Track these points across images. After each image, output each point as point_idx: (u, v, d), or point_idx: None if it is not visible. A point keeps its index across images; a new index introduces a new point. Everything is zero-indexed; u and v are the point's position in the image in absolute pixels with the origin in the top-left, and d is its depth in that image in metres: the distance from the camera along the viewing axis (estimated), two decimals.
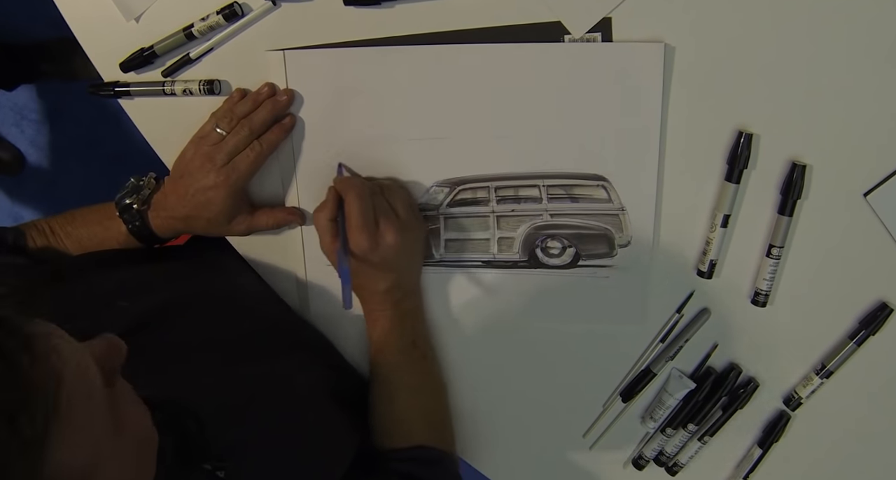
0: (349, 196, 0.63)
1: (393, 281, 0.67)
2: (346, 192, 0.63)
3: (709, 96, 0.64)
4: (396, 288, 0.67)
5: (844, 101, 0.62)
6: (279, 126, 0.67)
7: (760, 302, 0.68)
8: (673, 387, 0.72)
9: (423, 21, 0.65)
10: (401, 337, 0.69)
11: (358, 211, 0.62)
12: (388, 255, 0.64)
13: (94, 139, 1.66)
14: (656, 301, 0.70)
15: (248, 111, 0.66)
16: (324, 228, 0.64)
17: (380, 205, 0.64)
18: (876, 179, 0.64)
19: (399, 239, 0.64)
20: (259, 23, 0.67)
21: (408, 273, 0.69)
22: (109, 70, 0.70)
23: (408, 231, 0.65)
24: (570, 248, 0.70)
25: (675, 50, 0.63)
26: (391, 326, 0.69)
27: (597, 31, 0.63)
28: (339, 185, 0.65)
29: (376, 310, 0.69)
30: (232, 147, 0.65)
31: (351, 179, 0.66)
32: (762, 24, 0.61)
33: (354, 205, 0.62)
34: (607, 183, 0.67)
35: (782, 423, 0.72)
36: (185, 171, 0.66)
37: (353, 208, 0.62)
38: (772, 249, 0.66)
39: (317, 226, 0.65)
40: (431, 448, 0.69)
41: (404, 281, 0.69)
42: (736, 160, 0.64)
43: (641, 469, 0.77)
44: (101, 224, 0.68)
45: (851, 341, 0.67)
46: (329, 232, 0.64)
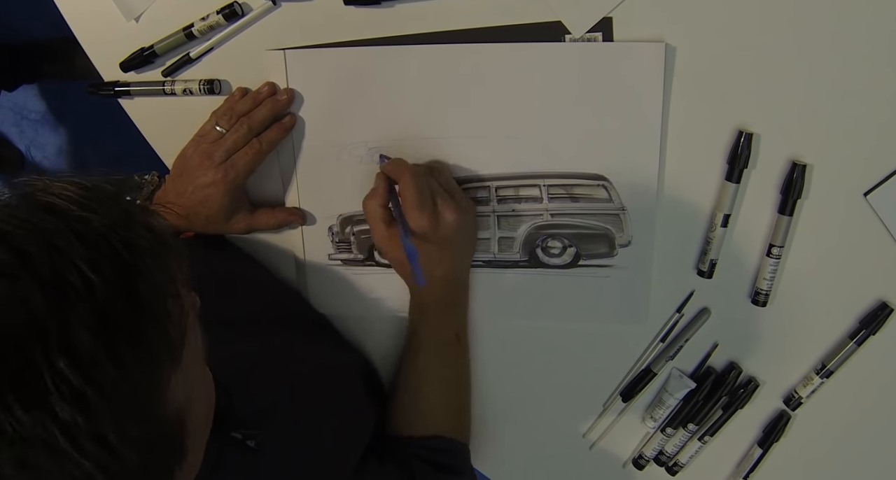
0: (404, 177, 0.62)
1: (449, 267, 0.66)
2: (399, 174, 0.62)
3: (709, 96, 0.64)
4: (451, 275, 0.67)
5: (844, 101, 0.62)
6: (279, 125, 0.67)
7: (761, 301, 0.68)
8: (673, 387, 0.72)
9: (423, 21, 0.65)
10: (446, 329, 0.69)
11: (416, 190, 0.61)
12: (448, 235, 0.63)
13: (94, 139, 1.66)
14: (656, 300, 0.70)
15: (247, 109, 0.66)
16: (376, 216, 0.64)
17: (433, 185, 0.63)
18: (876, 179, 0.64)
19: (459, 217, 0.63)
20: (259, 22, 0.67)
21: (463, 260, 0.69)
22: (109, 70, 0.70)
23: (465, 212, 0.65)
24: (571, 248, 0.70)
25: (675, 50, 0.63)
26: (438, 315, 0.68)
27: (597, 30, 0.63)
28: (388, 168, 0.64)
29: (426, 297, 0.68)
30: (230, 144, 0.65)
31: (400, 161, 0.65)
32: (762, 23, 0.61)
33: (411, 184, 0.61)
34: (608, 182, 0.67)
35: (782, 423, 0.72)
36: (185, 169, 0.66)
37: (409, 188, 0.61)
38: (772, 249, 0.66)
39: (368, 214, 0.64)
40: (450, 439, 0.69)
41: (459, 269, 0.68)
42: (736, 159, 0.64)
43: (641, 468, 0.77)
44: None
45: (852, 341, 0.67)
46: (382, 219, 0.64)
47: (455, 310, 0.70)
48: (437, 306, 0.68)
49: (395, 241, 0.64)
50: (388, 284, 0.73)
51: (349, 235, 0.72)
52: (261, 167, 0.69)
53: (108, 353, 0.32)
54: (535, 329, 0.73)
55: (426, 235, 0.62)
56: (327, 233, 0.72)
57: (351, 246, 0.72)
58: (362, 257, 0.72)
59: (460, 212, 0.64)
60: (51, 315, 0.31)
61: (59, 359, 0.30)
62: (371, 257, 0.72)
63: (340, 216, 0.71)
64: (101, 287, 0.32)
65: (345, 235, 0.72)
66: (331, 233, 0.72)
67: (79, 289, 0.32)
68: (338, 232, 0.72)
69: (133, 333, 0.33)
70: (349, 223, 0.71)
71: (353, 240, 0.72)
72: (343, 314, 0.75)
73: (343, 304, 0.74)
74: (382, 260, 0.72)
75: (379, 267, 0.72)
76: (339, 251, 0.72)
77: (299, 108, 0.68)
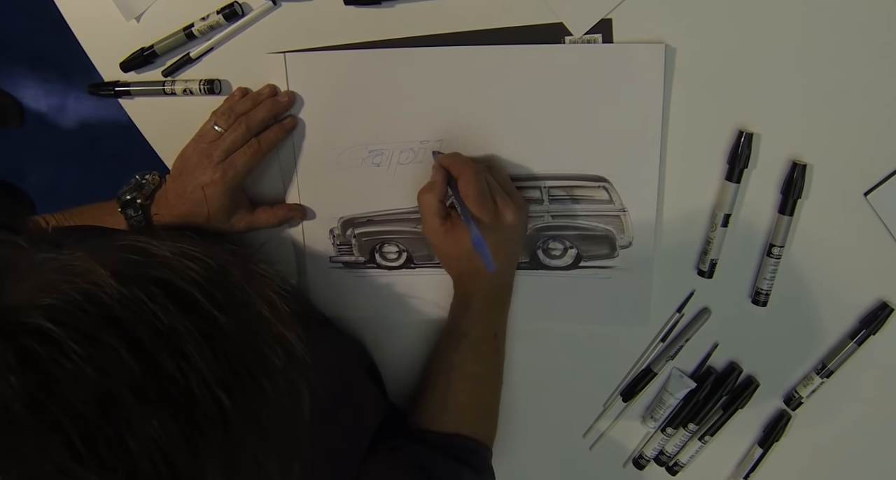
0: (466, 172, 0.61)
1: (500, 265, 0.65)
2: (460, 169, 0.62)
3: (709, 96, 0.64)
4: (501, 275, 0.67)
5: (844, 101, 0.62)
6: (279, 125, 0.67)
7: (761, 301, 0.68)
8: (673, 387, 0.72)
9: (423, 22, 0.65)
10: (487, 327, 0.68)
11: (478, 187, 0.61)
12: (504, 234, 0.63)
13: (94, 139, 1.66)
14: (657, 300, 0.70)
15: (246, 109, 0.66)
16: (433, 210, 0.63)
17: (492, 183, 0.63)
18: (876, 178, 0.64)
19: (517, 216, 0.63)
20: (259, 22, 0.67)
21: (513, 259, 0.69)
22: (109, 70, 0.70)
23: (521, 211, 0.65)
24: (572, 249, 0.70)
25: (675, 50, 0.63)
26: (481, 313, 0.68)
27: (597, 32, 0.63)
28: (448, 162, 0.63)
29: (473, 294, 0.68)
30: (229, 144, 0.65)
31: (460, 156, 0.64)
32: (763, 24, 0.61)
33: (473, 181, 0.61)
34: (608, 184, 0.67)
35: (783, 423, 0.72)
36: (184, 169, 0.66)
37: (471, 185, 0.61)
38: (772, 249, 0.66)
39: (424, 207, 0.64)
40: (472, 438, 0.68)
41: (508, 269, 0.68)
42: (736, 159, 0.64)
43: (642, 468, 0.77)
44: (100, 220, 0.68)
45: (852, 340, 0.67)
46: (438, 213, 0.63)
47: (498, 309, 0.69)
48: (482, 303, 0.68)
49: (449, 236, 0.64)
50: (390, 286, 0.73)
51: (350, 238, 0.72)
52: (262, 170, 0.70)
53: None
54: (535, 329, 0.73)
55: (484, 233, 0.62)
56: (328, 235, 0.72)
57: (352, 249, 0.72)
58: (363, 259, 0.72)
59: (518, 211, 0.63)
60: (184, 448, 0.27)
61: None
62: (372, 259, 0.72)
63: (341, 218, 0.71)
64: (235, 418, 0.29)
65: (346, 238, 0.72)
66: (332, 235, 0.72)
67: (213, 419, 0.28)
68: (339, 234, 0.72)
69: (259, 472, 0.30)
70: (350, 225, 0.71)
71: (354, 242, 0.72)
72: (344, 316, 0.75)
73: (344, 307, 0.74)
74: (383, 262, 0.72)
75: (380, 269, 0.72)
76: (340, 253, 0.72)
77: (300, 111, 0.68)
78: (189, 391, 0.28)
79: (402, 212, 0.70)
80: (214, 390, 0.28)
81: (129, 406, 0.27)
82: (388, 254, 0.72)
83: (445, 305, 0.73)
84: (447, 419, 0.68)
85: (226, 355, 0.29)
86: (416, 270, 0.72)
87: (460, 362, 0.68)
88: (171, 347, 0.28)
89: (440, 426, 0.68)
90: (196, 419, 0.28)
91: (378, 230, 0.71)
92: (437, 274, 0.72)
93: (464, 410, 0.69)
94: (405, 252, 0.72)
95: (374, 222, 0.71)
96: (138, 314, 0.28)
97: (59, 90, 1.64)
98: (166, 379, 0.28)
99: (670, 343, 0.71)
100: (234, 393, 0.29)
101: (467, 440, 0.68)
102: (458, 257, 0.65)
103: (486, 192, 0.62)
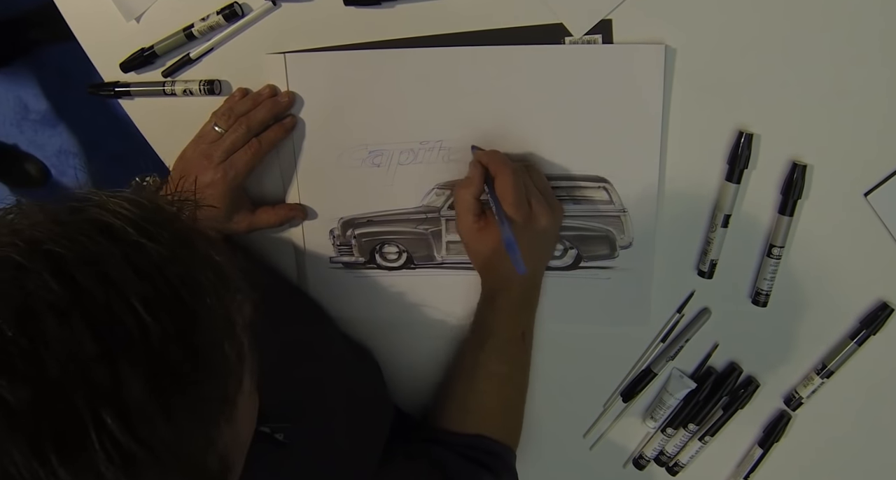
0: (504, 172, 0.61)
1: (531, 267, 0.65)
2: (499, 168, 0.61)
3: (709, 96, 0.64)
4: (531, 275, 0.66)
5: (844, 101, 0.62)
6: (279, 125, 0.67)
7: (761, 301, 0.68)
8: (673, 387, 0.72)
9: (423, 22, 0.65)
10: (515, 327, 0.68)
11: (515, 189, 0.60)
12: (537, 237, 0.63)
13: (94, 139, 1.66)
14: (657, 301, 0.70)
15: (246, 110, 0.66)
16: (468, 206, 0.63)
17: (529, 184, 0.62)
18: (876, 179, 0.64)
19: (551, 220, 0.63)
20: (259, 23, 0.67)
21: (544, 261, 0.68)
22: (109, 70, 0.70)
23: (556, 215, 0.64)
24: (572, 250, 0.70)
25: (675, 51, 0.63)
26: (509, 312, 0.67)
27: (597, 32, 0.63)
28: (487, 159, 0.63)
29: (500, 293, 0.67)
30: (229, 144, 0.65)
31: (499, 155, 0.63)
32: (762, 24, 0.61)
33: (511, 182, 0.60)
34: (608, 184, 0.67)
35: (783, 423, 0.72)
36: (185, 171, 0.66)
37: (509, 186, 0.60)
38: (772, 249, 0.66)
39: (460, 203, 0.64)
40: (494, 440, 0.67)
41: (538, 270, 0.68)
42: (736, 160, 0.64)
43: (642, 468, 0.77)
44: None
45: (852, 341, 0.67)
46: (472, 210, 0.63)
47: (526, 309, 0.69)
48: (510, 302, 0.67)
49: (482, 234, 0.64)
50: (390, 287, 0.73)
51: (350, 238, 0.72)
52: (262, 171, 0.70)
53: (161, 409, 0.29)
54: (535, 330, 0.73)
55: (516, 234, 0.61)
56: (328, 236, 0.72)
57: (352, 249, 0.72)
58: (363, 260, 0.72)
59: (552, 214, 0.63)
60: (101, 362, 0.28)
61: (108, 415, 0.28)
62: (372, 260, 0.72)
63: (341, 219, 0.71)
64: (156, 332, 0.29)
65: (346, 238, 0.72)
66: (332, 236, 0.72)
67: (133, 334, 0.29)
68: (339, 235, 0.72)
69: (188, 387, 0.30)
70: (350, 226, 0.71)
71: (354, 242, 0.72)
72: (345, 317, 0.75)
73: (344, 307, 0.74)
74: (383, 262, 0.72)
75: (380, 269, 0.72)
76: (340, 254, 0.72)
77: (299, 111, 0.68)
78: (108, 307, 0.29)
79: (402, 212, 0.70)
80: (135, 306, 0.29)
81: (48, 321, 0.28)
82: (388, 255, 0.72)
83: (444, 305, 0.73)
84: (470, 420, 0.68)
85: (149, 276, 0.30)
86: (417, 271, 0.72)
87: (485, 361, 0.68)
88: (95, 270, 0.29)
89: (462, 427, 0.67)
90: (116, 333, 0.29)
91: (378, 230, 0.71)
92: (437, 275, 0.72)
93: (488, 411, 0.68)
94: (405, 252, 0.72)
95: (375, 222, 0.71)
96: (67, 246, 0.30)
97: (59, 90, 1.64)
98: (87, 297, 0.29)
99: (670, 343, 0.71)
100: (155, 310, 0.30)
101: (489, 441, 0.67)
102: (489, 255, 0.65)
103: (523, 194, 0.61)
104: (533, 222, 0.62)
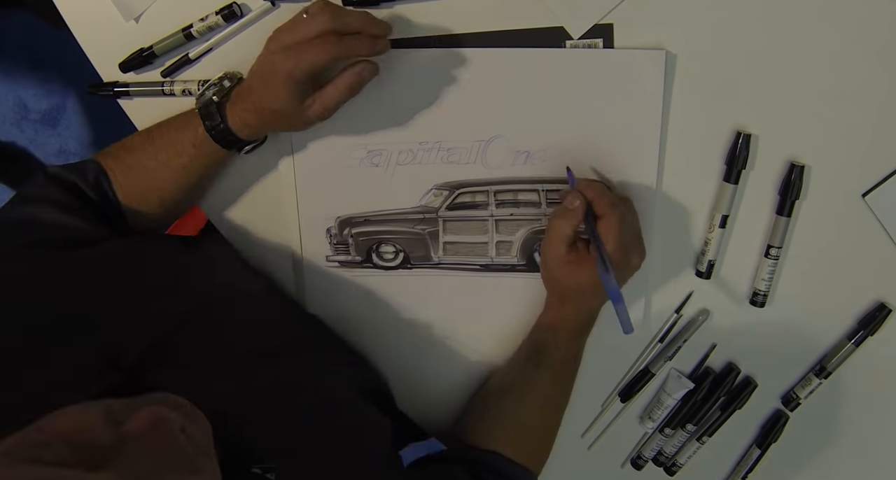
0: (613, 215, 0.59)
1: (602, 301, 0.65)
2: (606, 209, 0.59)
3: (708, 97, 0.64)
4: (598, 308, 0.66)
5: (843, 102, 0.62)
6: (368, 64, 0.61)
7: (759, 302, 0.68)
8: (671, 387, 0.72)
9: (423, 23, 0.65)
10: (571, 350, 0.68)
11: (619, 233, 0.59)
12: (626, 277, 0.62)
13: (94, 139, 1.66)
14: (655, 301, 0.70)
15: (352, 29, 0.59)
16: (562, 237, 0.61)
17: (629, 224, 0.61)
18: (874, 180, 0.64)
19: (641, 262, 0.62)
20: (258, 23, 0.67)
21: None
22: (109, 70, 0.70)
23: (644, 256, 0.63)
24: None
25: (675, 56, 0.63)
26: (571, 339, 0.67)
27: (598, 36, 0.63)
28: (592, 195, 0.60)
29: (568, 320, 0.66)
30: (304, 32, 0.58)
31: (606, 192, 0.61)
32: (761, 25, 0.61)
33: (617, 227, 0.59)
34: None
35: (781, 423, 0.72)
36: (262, 57, 0.61)
37: (615, 230, 0.59)
38: (770, 250, 0.66)
39: (555, 232, 0.61)
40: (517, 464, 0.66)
41: (602, 301, 0.66)
42: (734, 161, 0.64)
43: (640, 469, 0.77)
44: (178, 127, 0.65)
45: (850, 341, 0.67)
46: (566, 242, 0.61)
47: (585, 335, 0.69)
48: (574, 329, 0.67)
49: (572, 267, 0.61)
50: (386, 286, 0.73)
51: (347, 237, 0.72)
52: (259, 168, 0.70)
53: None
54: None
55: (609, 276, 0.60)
56: (325, 234, 0.72)
57: (349, 248, 0.72)
58: (360, 259, 0.72)
59: (643, 255, 0.62)
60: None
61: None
62: (369, 259, 0.72)
63: (339, 218, 0.71)
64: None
65: (343, 237, 0.72)
66: (329, 234, 0.72)
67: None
68: (336, 233, 0.72)
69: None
70: (347, 225, 0.71)
71: (351, 241, 0.72)
72: (340, 316, 0.75)
73: (340, 306, 0.74)
74: (380, 262, 0.72)
75: (376, 269, 0.73)
76: (336, 253, 0.72)
77: None
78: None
79: (399, 212, 0.70)
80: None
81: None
82: (384, 254, 0.72)
83: (440, 307, 0.73)
84: (504, 436, 0.67)
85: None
86: (413, 271, 0.72)
87: (539, 381, 0.67)
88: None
89: (485, 439, 0.67)
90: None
91: (375, 230, 0.71)
92: (433, 276, 0.72)
93: (528, 429, 0.68)
94: (402, 252, 0.72)
95: (372, 222, 0.71)
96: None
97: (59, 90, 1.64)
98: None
99: (668, 343, 0.71)
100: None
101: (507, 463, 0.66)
102: (576, 289, 0.63)
103: (626, 238, 0.60)
104: (628, 264, 0.61)
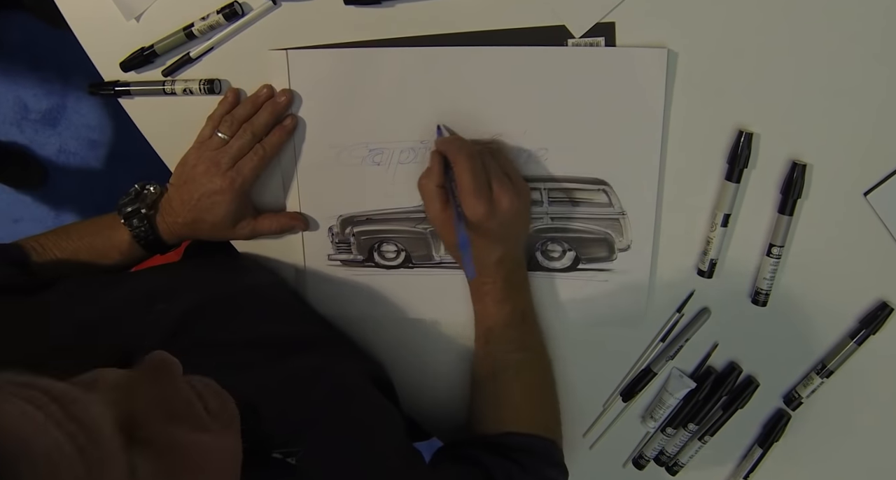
0: (460, 159, 0.59)
1: (505, 250, 0.64)
2: (455, 155, 0.60)
3: (709, 95, 0.64)
4: (508, 258, 0.65)
5: (844, 101, 0.62)
6: (280, 128, 0.67)
7: (761, 301, 0.68)
8: (673, 387, 0.72)
9: (423, 22, 0.65)
10: (512, 312, 0.67)
11: (471, 175, 0.59)
12: (504, 222, 0.61)
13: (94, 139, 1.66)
14: (657, 300, 0.70)
15: (248, 114, 0.66)
16: (432, 195, 0.62)
17: (490, 167, 0.61)
18: (876, 178, 0.64)
19: (515, 203, 0.61)
20: (259, 22, 0.67)
21: (519, 241, 0.67)
22: (109, 69, 0.70)
23: (521, 195, 0.63)
24: (570, 252, 0.70)
25: (677, 55, 0.63)
26: (502, 299, 0.66)
27: (600, 35, 0.63)
28: (444, 147, 0.61)
29: (487, 283, 0.66)
30: (236, 151, 0.65)
31: (457, 140, 0.62)
32: (762, 24, 0.61)
33: (467, 168, 0.59)
34: (608, 187, 0.67)
35: (783, 423, 0.72)
36: (189, 177, 0.66)
37: (465, 172, 0.59)
38: (772, 248, 0.66)
39: (424, 193, 0.63)
40: (529, 436, 0.65)
41: (516, 251, 0.66)
42: (736, 159, 0.64)
43: (642, 468, 0.77)
44: (100, 234, 0.68)
45: (852, 340, 0.67)
46: (438, 198, 0.62)
47: (517, 290, 0.67)
48: (496, 289, 0.66)
49: (449, 224, 0.62)
50: (388, 285, 0.73)
51: (349, 236, 0.72)
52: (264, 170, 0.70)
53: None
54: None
55: (480, 223, 0.60)
56: (327, 233, 0.72)
57: (351, 247, 0.72)
58: (362, 258, 0.72)
59: (516, 196, 0.61)
60: None
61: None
62: (370, 258, 0.72)
63: (340, 217, 0.71)
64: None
65: (345, 236, 0.72)
66: (331, 233, 0.72)
67: None
68: (338, 232, 0.72)
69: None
70: (349, 224, 0.71)
71: (352, 240, 0.72)
72: (342, 315, 0.75)
73: (342, 305, 0.74)
74: (382, 261, 0.72)
75: (378, 268, 0.72)
76: (338, 252, 0.72)
77: (300, 109, 0.68)
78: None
79: (401, 211, 0.70)
80: None
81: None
82: (386, 253, 0.72)
83: (442, 305, 0.73)
84: (502, 416, 0.67)
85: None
86: (415, 270, 0.72)
87: (494, 352, 0.67)
88: None
89: (498, 425, 0.66)
90: None
91: (377, 229, 0.71)
92: (435, 275, 0.72)
93: (515, 404, 0.67)
94: (404, 251, 0.72)
95: (374, 221, 0.71)
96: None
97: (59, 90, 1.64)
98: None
99: (670, 343, 0.71)
100: None
101: (519, 437, 0.65)
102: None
103: (482, 179, 0.60)
104: (496, 207, 0.61)
